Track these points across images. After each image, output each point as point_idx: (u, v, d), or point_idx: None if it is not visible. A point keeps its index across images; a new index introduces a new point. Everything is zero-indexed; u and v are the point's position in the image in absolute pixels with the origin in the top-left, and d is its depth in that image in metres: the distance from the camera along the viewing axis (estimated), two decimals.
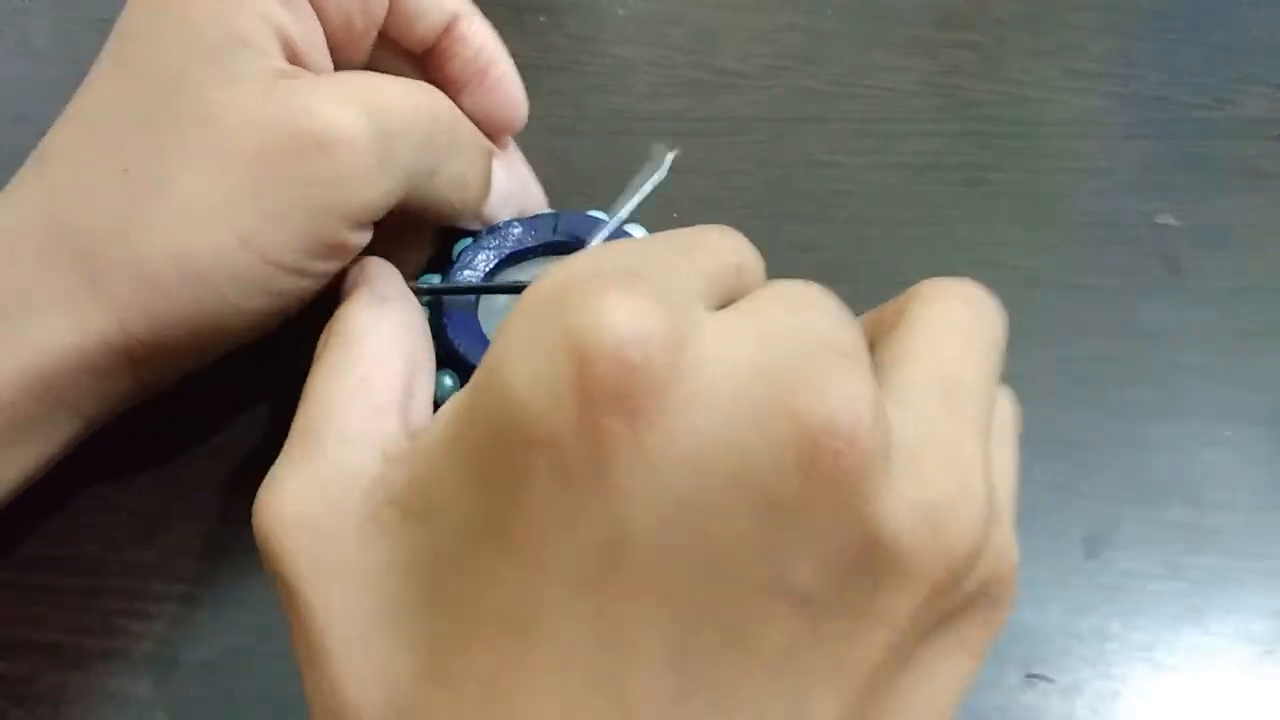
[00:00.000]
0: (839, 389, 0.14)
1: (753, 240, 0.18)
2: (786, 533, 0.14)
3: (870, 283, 0.29)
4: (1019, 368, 0.27)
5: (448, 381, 0.23)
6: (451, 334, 0.24)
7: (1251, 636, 0.24)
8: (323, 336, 0.21)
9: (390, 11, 0.24)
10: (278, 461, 0.19)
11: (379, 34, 0.25)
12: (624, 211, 0.25)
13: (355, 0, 0.23)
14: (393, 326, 0.21)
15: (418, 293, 0.24)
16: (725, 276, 0.17)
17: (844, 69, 0.34)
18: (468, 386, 0.16)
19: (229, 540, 0.25)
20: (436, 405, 0.21)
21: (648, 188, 0.25)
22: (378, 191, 0.22)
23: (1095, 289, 0.29)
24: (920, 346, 0.17)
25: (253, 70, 0.21)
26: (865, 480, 0.14)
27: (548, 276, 0.15)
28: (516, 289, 0.24)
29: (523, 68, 0.33)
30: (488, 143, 0.26)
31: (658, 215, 0.30)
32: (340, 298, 0.22)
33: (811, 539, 0.14)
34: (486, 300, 0.25)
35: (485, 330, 0.24)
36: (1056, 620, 0.24)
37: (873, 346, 0.18)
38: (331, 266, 0.22)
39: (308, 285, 0.22)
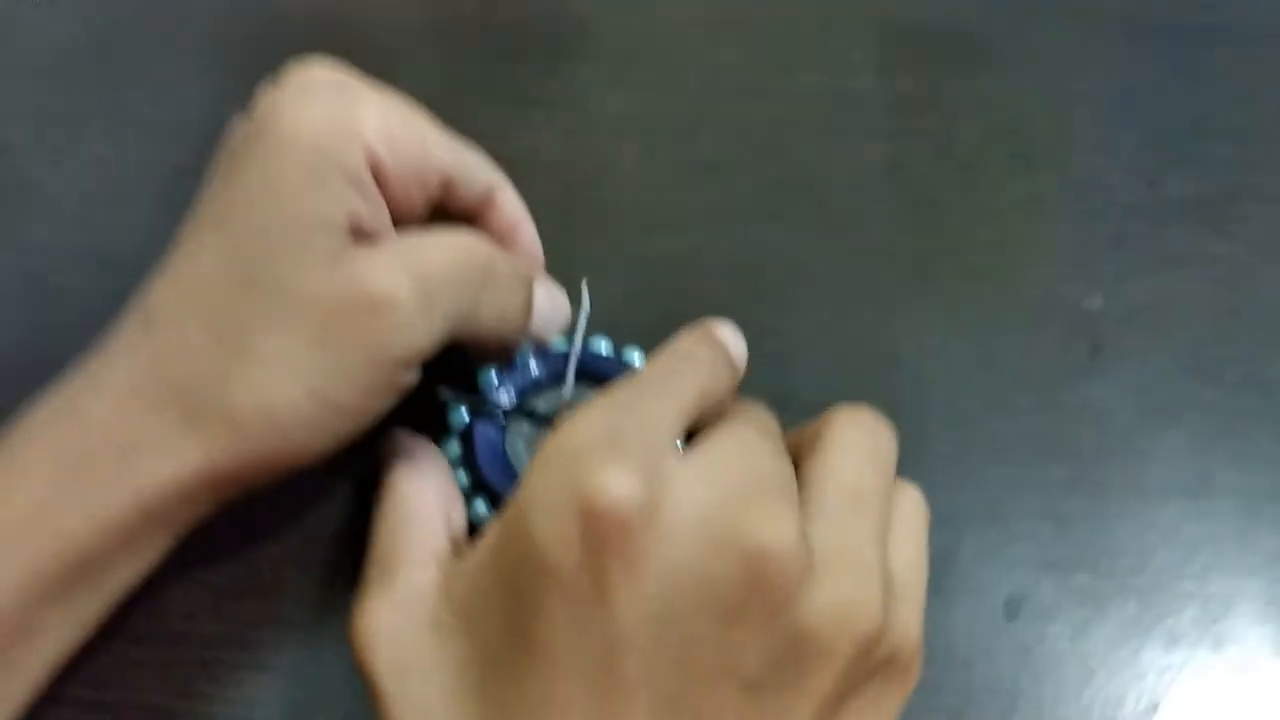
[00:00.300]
0: (773, 525, 0.20)
1: None
2: (736, 634, 0.20)
3: (825, 366, 0.34)
4: (956, 448, 0.32)
5: (480, 509, 0.28)
6: (481, 465, 0.28)
7: (1143, 694, 0.28)
8: (377, 498, 0.27)
9: (442, 185, 0.28)
10: (362, 589, 0.24)
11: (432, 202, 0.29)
12: (575, 349, 0.30)
13: (414, 179, 0.27)
14: (425, 479, 0.27)
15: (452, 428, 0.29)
16: (692, 410, 0.23)
17: (808, 159, 0.38)
18: (500, 523, 0.22)
19: (289, 613, 0.30)
20: (472, 527, 0.27)
21: (583, 322, 0.30)
22: (424, 338, 0.25)
23: (1025, 371, 0.34)
24: (833, 464, 0.23)
25: (323, 248, 0.25)
26: (792, 591, 0.20)
27: (559, 437, 0.21)
28: (539, 420, 0.29)
29: (524, 162, 0.38)
30: (528, 272, 0.29)
31: (650, 307, 0.34)
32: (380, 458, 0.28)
33: (755, 637, 0.20)
34: (511, 434, 0.29)
35: (511, 457, 0.29)
36: (978, 674, 0.29)
37: (800, 460, 0.24)
38: (387, 404, 0.26)
39: (365, 423, 0.26)
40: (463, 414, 0.29)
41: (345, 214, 0.26)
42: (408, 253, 0.26)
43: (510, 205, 0.31)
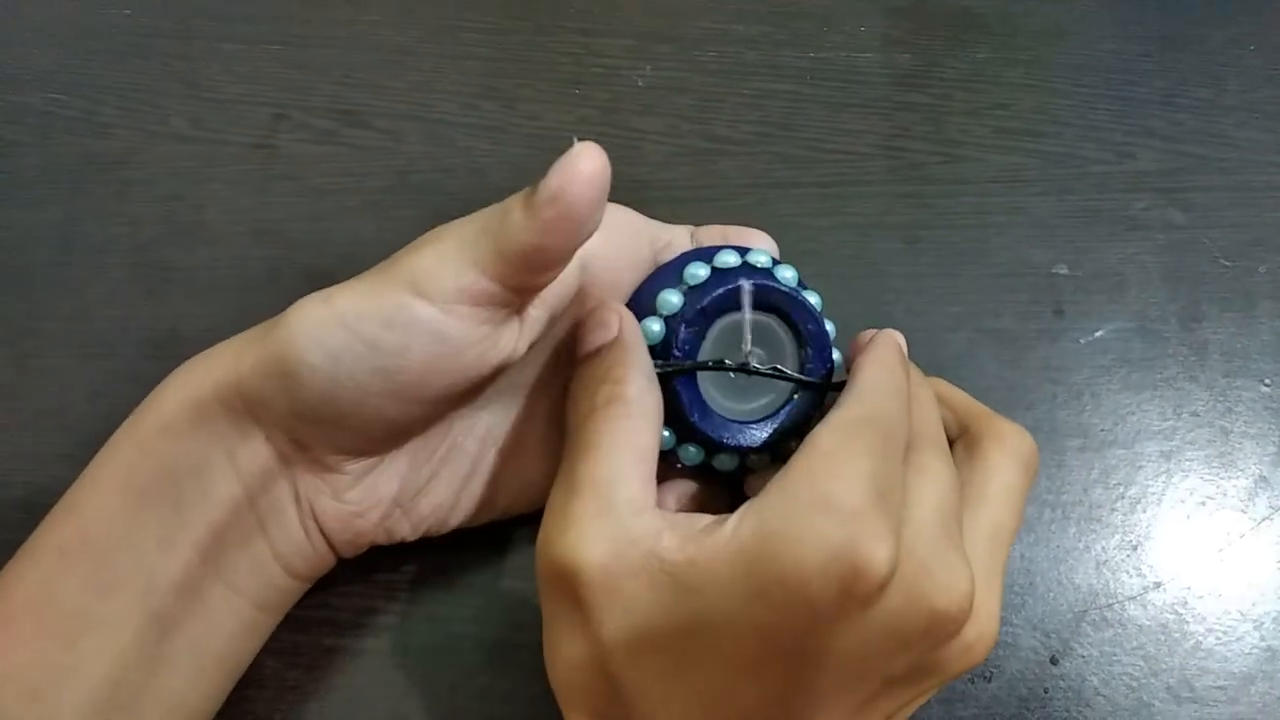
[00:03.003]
0: (956, 596, 0.25)
1: None
2: (901, 655, 0.25)
3: None
4: None
5: (692, 452, 0.30)
6: (695, 420, 0.30)
7: (1074, 604, 0.35)
8: (599, 391, 0.27)
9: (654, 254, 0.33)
10: (570, 501, 0.26)
11: None
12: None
13: (629, 253, 0.32)
14: (655, 407, 0.28)
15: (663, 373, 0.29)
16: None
17: (815, 134, 0.43)
18: (759, 535, 0.24)
19: None
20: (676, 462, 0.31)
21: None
22: (431, 262, 0.26)
23: (996, 331, 0.39)
24: (991, 502, 0.28)
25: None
26: (953, 635, 0.25)
27: (836, 487, 0.24)
28: (743, 370, 0.30)
29: (564, 139, 0.43)
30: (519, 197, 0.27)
31: None
32: (595, 342, 0.29)
33: (911, 657, 0.25)
34: (701, 381, 0.30)
35: (709, 402, 0.30)
36: None
37: (959, 429, 0.31)
38: (393, 341, 0.26)
39: (373, 360, 0.26)
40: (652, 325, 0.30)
41: None
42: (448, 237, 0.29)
43: (709, 231, 0.34)
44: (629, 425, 0.27)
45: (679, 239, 0.34)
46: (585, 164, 0.25)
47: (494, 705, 0.33)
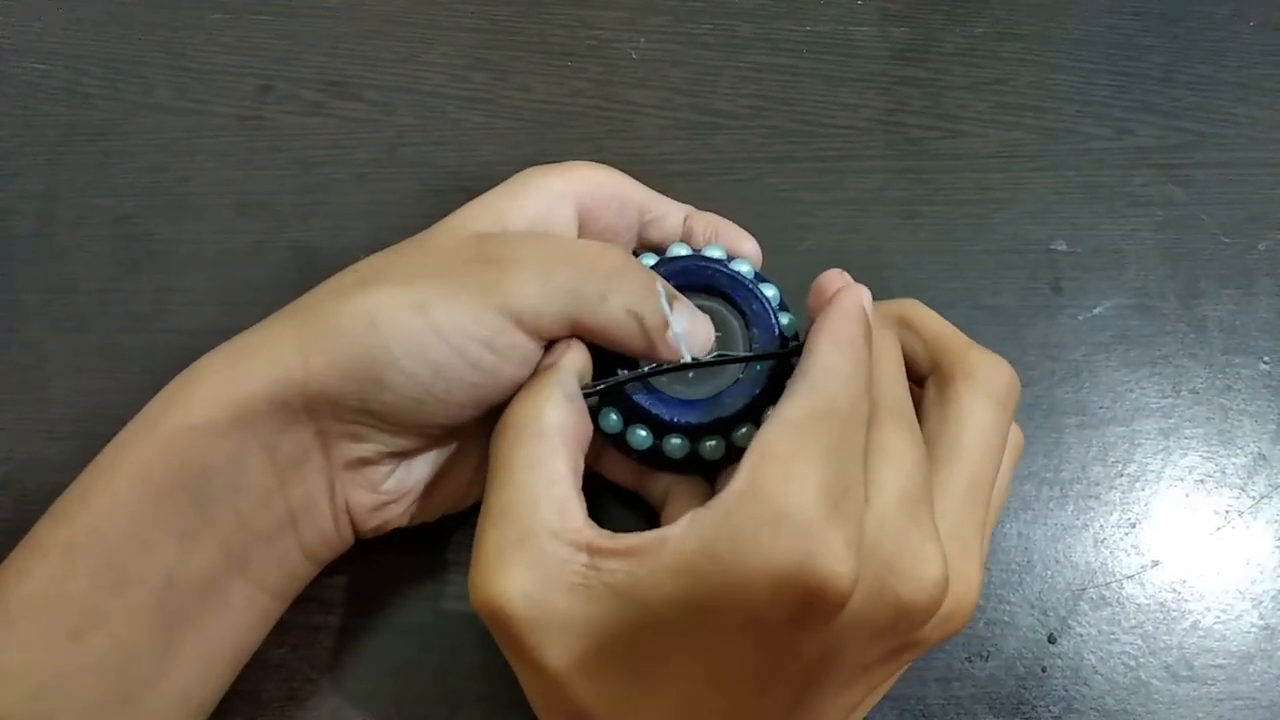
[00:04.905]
0: (926, 586, 0.24)
1: None
2: (873, 645, 0.25)
3: None
4: None
5: (641, 435, 0.30)
6: (641, 402, 0.30)
7: (1071, 582, 0.35)
8: (514, 417, 0.26)
9: (640, 215, 0.33)
10: (489, 538, 0.24)
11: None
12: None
13: (616, 213, 0.32)
14: (572, 426, 0.27)
15: (594, 390, 0.29)
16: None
17: (812, 108, 0.42)
18: (706, 551, 0.22)
19: None
20: (624, 445, 0.30)
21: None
22: (537, 298, 0.27)
23: (994, 308, 0.39)
24: (965, 449, 0.27)
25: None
26: (926, 620, 0.24)
27: (786, 496, 0.22)
28: (683, 367, 0.29)
29: (556, 112, 0.42)
30: (672, 292, 0.30)
31: None
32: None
33: (886, 645, 0.25)
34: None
35: (659, 386, 0.30)
36: None
37: (927, 369, 0.29)
38: (488, 362, 0.27)
39: (462, 383, 0.27)
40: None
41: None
42: (540, 236, 0.30)
43: (705, 218, 0.34)
44: (540, 448, 0.26)
45: (672, 217, 0.34)
46: (693, 346, 0.29)
47: (486, 683, 0.33)
